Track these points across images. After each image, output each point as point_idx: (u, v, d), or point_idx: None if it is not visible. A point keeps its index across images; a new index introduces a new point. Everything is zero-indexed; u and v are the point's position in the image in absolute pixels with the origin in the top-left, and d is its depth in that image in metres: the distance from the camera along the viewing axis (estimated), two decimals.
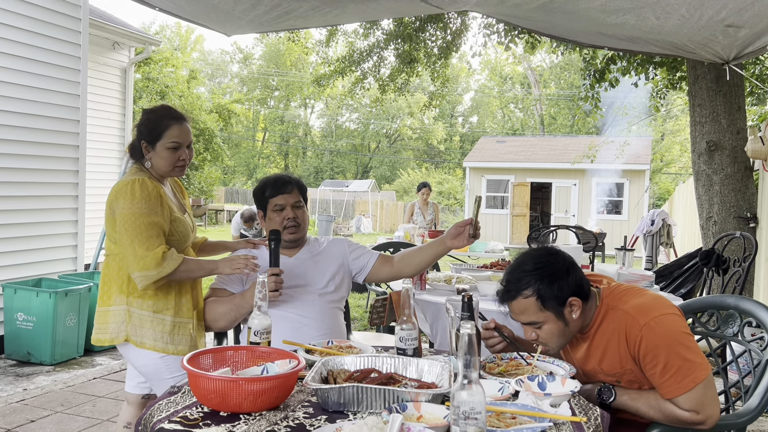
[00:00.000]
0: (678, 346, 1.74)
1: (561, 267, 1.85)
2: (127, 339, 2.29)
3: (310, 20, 4.10)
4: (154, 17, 45.74)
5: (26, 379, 4.41)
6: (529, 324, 1.86)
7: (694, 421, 1.72)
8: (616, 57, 7.72)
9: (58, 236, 5.64)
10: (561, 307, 1.82)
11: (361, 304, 7.70)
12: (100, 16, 8.23)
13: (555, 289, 1.81)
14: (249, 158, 41.59)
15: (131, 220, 2.20)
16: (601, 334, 1.88)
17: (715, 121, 5.85)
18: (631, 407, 1.82)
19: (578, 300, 1.84)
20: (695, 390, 1.71)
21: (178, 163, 2.36)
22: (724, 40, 3.65)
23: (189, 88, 22.92)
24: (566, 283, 1.82)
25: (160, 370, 2.32)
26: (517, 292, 1.83)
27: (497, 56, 40.02)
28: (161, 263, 2.17)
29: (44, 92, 5.45)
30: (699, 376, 1.71)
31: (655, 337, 1.75)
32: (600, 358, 1.89)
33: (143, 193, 2.23)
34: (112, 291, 2.32)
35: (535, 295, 1.81)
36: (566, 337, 1.89)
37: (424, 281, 3.38)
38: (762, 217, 5.52)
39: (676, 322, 1.78)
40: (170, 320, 2.32)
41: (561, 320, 1.84)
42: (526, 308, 1.83)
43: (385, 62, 10.46)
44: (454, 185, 32.25)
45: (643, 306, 1.81)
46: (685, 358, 1.73)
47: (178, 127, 2.36)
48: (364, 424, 1.32)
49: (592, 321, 1.90)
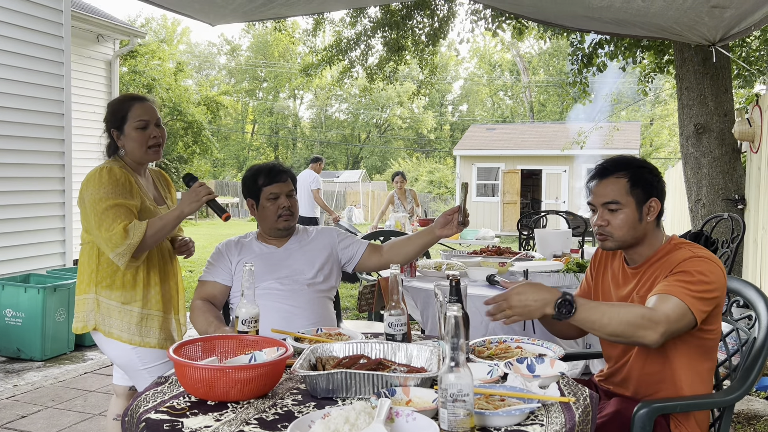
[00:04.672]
0: (704, 285, 1.77)
1: (654, 171, 1.97)
2: (96, 327, 2.31)
3: (296, 8, 4.06)
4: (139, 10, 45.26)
5: (16, 375, 4.39)
6: (609, 204, 1.92)
7: (655, 321, 1.71)
8: (604, 41, 7.71)
9: (45, 231, 5.59)
10: (643, 199, 1.91)
11: (352, 294, 7.69)
12: (84, 8, 8.14)
13: (645, 181, 1.92)
14: (238, 150, 41.36)
15: (98, 205, 2.19)
16: (657, 268, 1.91)
17: (702, 103, 5.86)
18: (590, 321, 1.74)
19: (658, 203, 1.93)
20: (681, 304, 1.73)
21: (150, 142, 2.35)
22: (710, 22, 3.65)
23: (176, 80, 22.74)
24: (655, 185, 1.93)
25: (132, 361, 2.33)
26: (613, 171, 1.93)
27: (486, 44, 39.95)
28: (126, 236, 2.15)
29: (27, 86, 5.38)
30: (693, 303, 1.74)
31: (694, 264, 1.80)
32: (645, 291, 1.91)
33: (111, 178, 2.24)
34: (84, 279, 2.34)
35: (627, 177, 1.92)
36: (630, 235, 1.93)
37: (414, 268, 3.37)
38: (750, 198, 5.55)
39: (721, 276, 1.81)
40: (138, 312, 2.32)
41: (638, 212, 1.91)
42: (613, 188, 1.92)
43: (372, 51, 10.40)
44: (445, 174, 32.25)
45: (708, 253, 1.85)
46: (704, 290, 1.76)
47: (141, 106, 2.35)
48: (352, 408, 1.31)
49: (655, 252, 1.95)
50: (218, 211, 2.30)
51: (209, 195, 2.22)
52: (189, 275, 8.59)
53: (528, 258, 3.71)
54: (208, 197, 2.22)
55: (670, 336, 1.75)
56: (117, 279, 2.29)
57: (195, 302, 2.42)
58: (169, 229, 2.26)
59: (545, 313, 1.73)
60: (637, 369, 1.97)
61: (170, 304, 2.45)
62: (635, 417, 1.78)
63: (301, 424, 1.30)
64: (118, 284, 2.30)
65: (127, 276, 2.31)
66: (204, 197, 2.22)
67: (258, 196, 2.51)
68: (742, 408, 3.53)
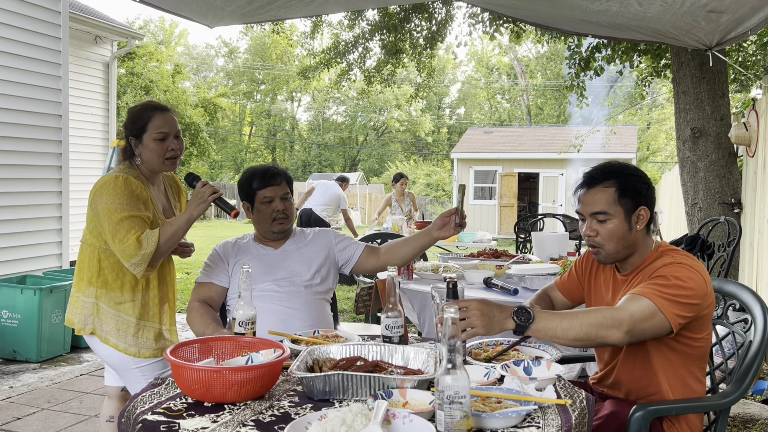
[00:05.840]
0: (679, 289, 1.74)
1: (643, 179, 1.94)
2: (93, 332, 2.32)
3: (294, 10, 4.06)
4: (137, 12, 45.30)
5: (12, 376, 4.37)
6: (597, 214, 1.91)
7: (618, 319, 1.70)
8: (601, 45, 7.73)
9: (42, 233, 5.58)
10: (632, 209, 1.89)
11: (350, 296, 7.68)
12: (81, 10, 8.13)
13: (633, 191, 1.90)
14: (236, 153, 41.32)
15: (113, 215, 2.19)
16: (643, 275, 1.89)
17: (699, 107, 5.88)
18: (550, 328, 1.72)
19: (647, 212, 1.90)
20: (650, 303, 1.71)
21: (167, 155, 2.34)
22: (706, 26, 3.66)
23: (174, 82, 22.73)
24: (644, 193, 1.91)
25: (125, 361, 2.33)
26: (600, 180, 1.92)
27: (483, 47, 40.03)
28: (140, 246, 2.16)
29: (25, 87, 5.37)
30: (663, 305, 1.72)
31: (672, 269, 1.78)
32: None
33: (126, 189, 2.22)
34: (84, 280, 2.34)
35: (615, 187, 1.89)
36: (621, 245, 1.91)
37: (411, 271, 3.37)
38: (746, 202, 5.56)
39: (701, 284, 1.78)
40: (134, 322, 2.32)
41: (627, 222, 1.89)
42: (601, 197, 1.90)
43: (370, 53, 10.42)
44: (442, 177, 32.27)
45: (690, 261, 1.83)
46: (678, 294, 1.74)
47: (162, 117, 2.34)
48: (348, 410, 1.31)
49: (643, 260, 1.93)
50: (226, 208, 2.28)
51: (215, 194, 2.20)
52: (186, 277, 8.58)
53: (525, 261, 3.72)
54: (213, 196, 2.20)
55: (638, 336, 1.73)
56: (117, 287, 2.30)
57: (192, 304, 2.41)
58: (181, 234, 2.25)
59: (503, 326, 1.71)
60: (625, 373, 1.97)
61: (167, 315, 2.45)
62: (631, 419, 1.79)
63: (297, 425, 1.30)
64: (118, 292, 2.31)
65: (127, 285, 2.31)
66: (210, 197, 2.20)
67: (253, 200, 2.52)
68: (738, 411, 3.54)
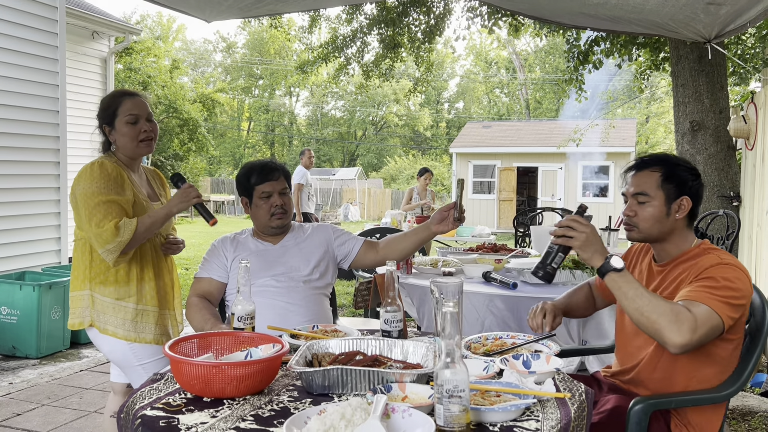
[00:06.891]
0: (730, 291, 1.74)
1: (693, 171, 1.97)
2: (92, 324, 2.31)
3: (292, 4, 4.05)
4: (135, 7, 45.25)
5: (12, 373, 4.37)
6: (638, 195, 1.94)
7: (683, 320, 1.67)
8: (600, 39, 7.71)
9: (40, 229, 5.57)
10: (674, 196, 1.92)
11: (349, 291, 7.69)
12: (78, 5, 8.10)
13: (679, 179, 1.93)
14: (234, 148, 41.29)
15: (89, 200, 2.20)
16: (683, 270, 1.89)
17: (698, 100, 5.88)
18: (627, 287, 1.74)
19: (689, 202, 1.92)
20: (708, 310, 1.69)
21: (141, 136, 2.36)
22: (705, 19, 3.65)
23: (172, 78, 22.62)
24: (689, 184, 1.94)
25: (127, 357, 2.33)
26: (649, 164, 1.96)
27: (482, 41, 39.93)
28: (117, 233, 2.16)
29: (21, 82, 5.35)
30: (720, 307, 1.71)
31: (720, 270, 1.78)
32: (668, 293, 1.89)
33: (102, 173, 2.25)
34: (78, 275, 2.34)
35: (660, 172, 1.93)
36: (656, 229, 1.93)
37: (410, 265, 3.37)
38: (745, 195, 5.56)
39: (747, 284, 1.78)
40: (132, 307, 2.33)
41: (666, 207, 1.92)
42: (645, 180, 1.94)
43: (368, 48, 10.39)
44: (441, 171, 32.26)
45: (735, 260, 1.84)
46: (729, 295, 1.73)
47: (131, 101, 2.37)
48: (348, 405, 1.31)
49: (683, 253, 1.94)
50: (206, 215, 2.34)
51: (197, 198, 2.28)
52: (185, 273, 8.58)
53: (524, 255, 3.72)
54: (196, 200, 2.28)
55: (696, 344, 1.69)
56: (111, 275, 2.30)
57: (191, 299, 2.42)
58: (159, 226, 2.29)
59: (591, 258, 1.79)
60: (646, 372, 1.96)
61: (165, 299, 2.45)
62: (630, 413, 1.79)
63: (297, 420, 1.30)
64: (112, 280, 2.31)
65: (121, 272, 2.31)
66: (193, 199, 2.27)
67: (251, 195, 2.51)
68: (736, 404, 3.55)
